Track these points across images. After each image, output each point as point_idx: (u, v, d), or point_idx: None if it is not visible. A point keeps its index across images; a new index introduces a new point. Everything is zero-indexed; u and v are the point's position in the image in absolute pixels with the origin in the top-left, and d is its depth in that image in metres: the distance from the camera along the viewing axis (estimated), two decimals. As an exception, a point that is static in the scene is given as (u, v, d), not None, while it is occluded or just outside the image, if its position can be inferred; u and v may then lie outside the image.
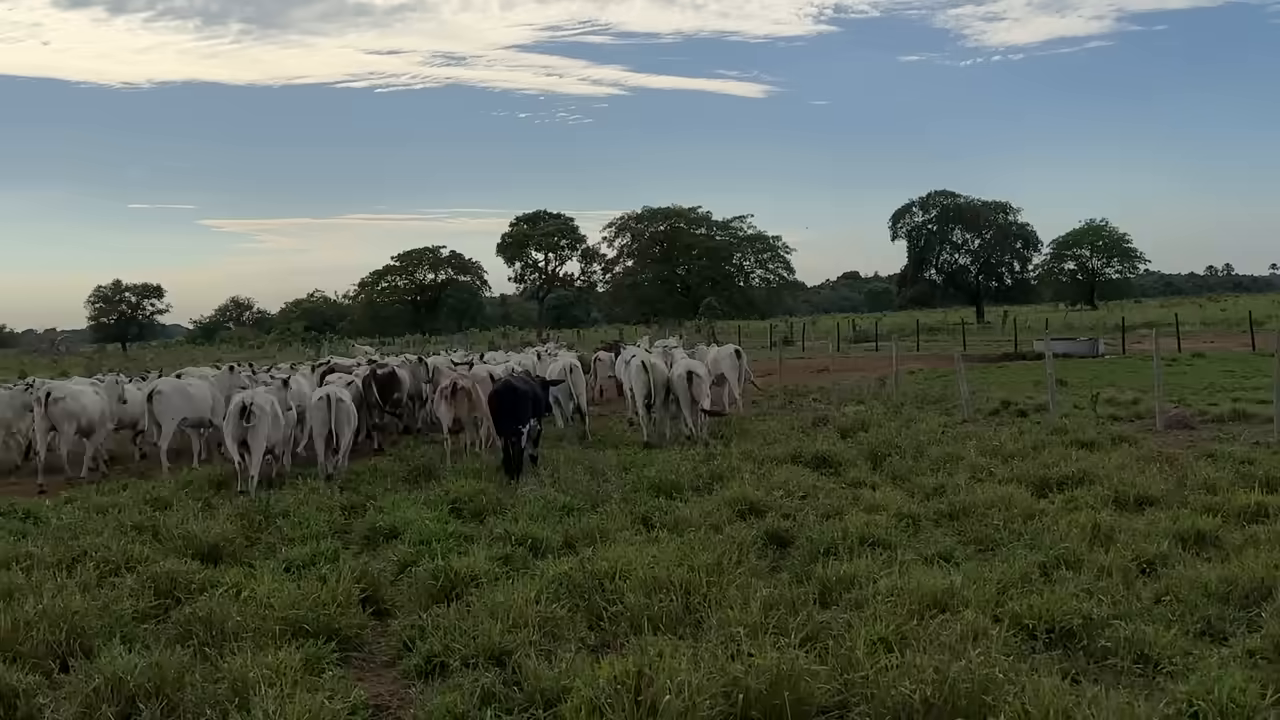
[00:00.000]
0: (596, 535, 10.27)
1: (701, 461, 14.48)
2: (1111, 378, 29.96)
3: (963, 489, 11.98)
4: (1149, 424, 18.40)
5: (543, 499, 12.37)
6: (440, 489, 13.39)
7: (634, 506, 11.76)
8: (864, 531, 9.61)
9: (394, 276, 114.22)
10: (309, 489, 13.68)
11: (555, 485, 13.43)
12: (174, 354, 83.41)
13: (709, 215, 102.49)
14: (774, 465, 14.06)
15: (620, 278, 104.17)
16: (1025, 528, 10.06)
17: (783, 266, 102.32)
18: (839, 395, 26.34)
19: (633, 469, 14.47)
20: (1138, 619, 7.12)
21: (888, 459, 14.32)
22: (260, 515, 12.25)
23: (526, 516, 11.42)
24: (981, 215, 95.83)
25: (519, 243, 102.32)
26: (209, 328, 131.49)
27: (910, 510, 11.00)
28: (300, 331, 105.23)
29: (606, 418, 23.66)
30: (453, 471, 14.82)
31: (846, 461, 14.20)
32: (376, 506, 12.62)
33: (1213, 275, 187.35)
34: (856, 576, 8.20)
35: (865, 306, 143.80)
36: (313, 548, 10.27)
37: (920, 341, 57.04)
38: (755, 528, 10.36)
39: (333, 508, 12.56)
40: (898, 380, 24.78)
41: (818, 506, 11.26)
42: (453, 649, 7.07)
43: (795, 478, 12.82)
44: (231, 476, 15.28)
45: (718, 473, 13.50)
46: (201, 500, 13.54)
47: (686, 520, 10.69)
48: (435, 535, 10.65)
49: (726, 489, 12.19)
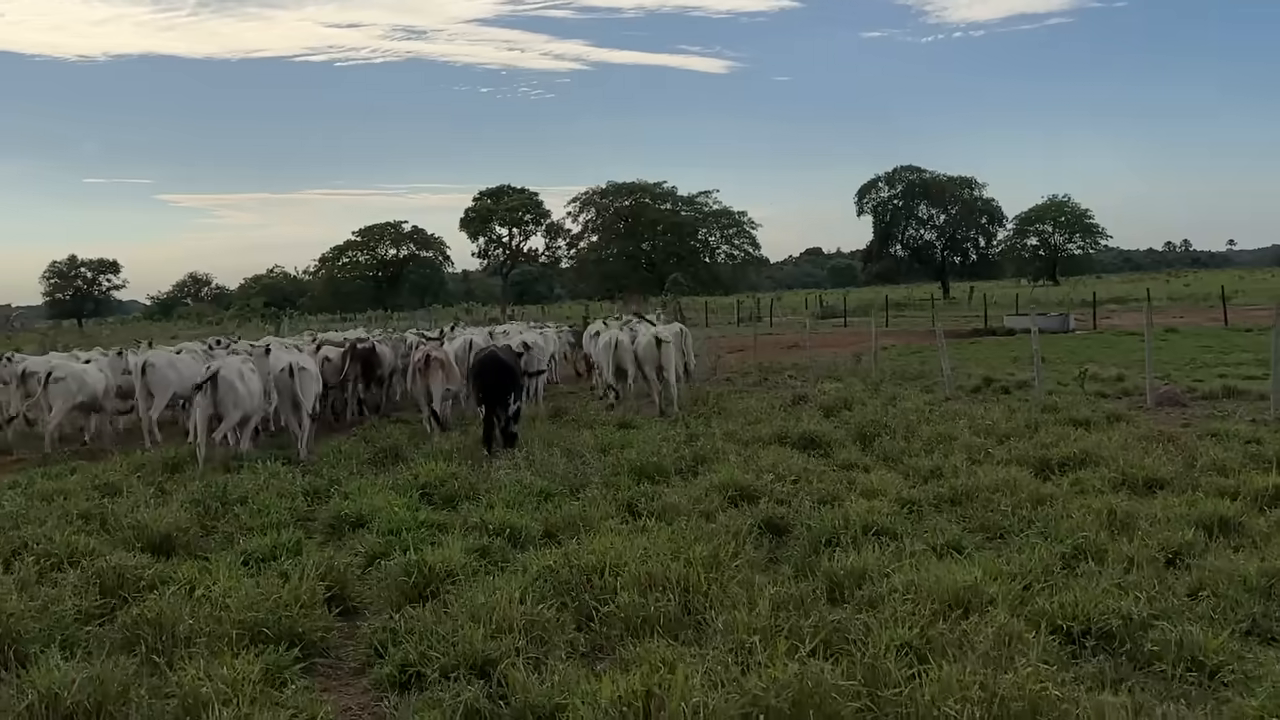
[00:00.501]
0: (579, 524, 9.58)
1: (684, 443, 13.82)
2: (1088, 354, 29.53)
3: (962, 471, 11.40)
4: (1138, 401, 17.90)
5: (518, 483, 11.67)
6: (409, 472, 12.65)
7: (617, 492, 11.06)
8: (866, 519, 8.97)
9: (355, 252, 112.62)
10: (269, 473, 12.90)
11: (531, 468, 12.73)
12: (130, 330, 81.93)
13: (674, 190, 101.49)
14: (760, 446, 13.42)
15: (585, 253, 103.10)
16: (1035, 514, 9.45)
17: (748, 242, 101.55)
18: (815, 372, 25.74)
19: (611, 450, 13.78)
20: (1179, 618, 6.52)
21: (877, 439, 13.70)
22: (217, 502, 11.48)
23: (502, 503, 10.72)
24: (947, 190, 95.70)
25: (482, 217, 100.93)
26: (167, 304, 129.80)
27: (910, 495, 10.37)
28: (260, 308, 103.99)
29: (578, 395, 22.97)
30: (421, 454, 14.06)
31: (835, 442, 13.56)
32: (341, 492, 11.86)
33: (1171, 251, 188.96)
34: (867, 570, 7.56)
35: (828, 282, 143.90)
36: (273, 538, 9.53)
37: (889, 317, 56.56)
38: (749, 515, 9.70)
39: (295, 494, 11.79)
40: (876, 357, 24.21)
41: (812, 491, 10.62)
42: (430, 657, 6.36)
43: (784, 460, 12.17)
44: (188, 459, 14.50)
45: (702, 455, 12.84)
46: (155, 485, 12.75)
47: (675, 508, 10.01)
48: (405, 524, 9.95)
49: (714, 473, 11.51)
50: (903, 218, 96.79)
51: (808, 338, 46.02)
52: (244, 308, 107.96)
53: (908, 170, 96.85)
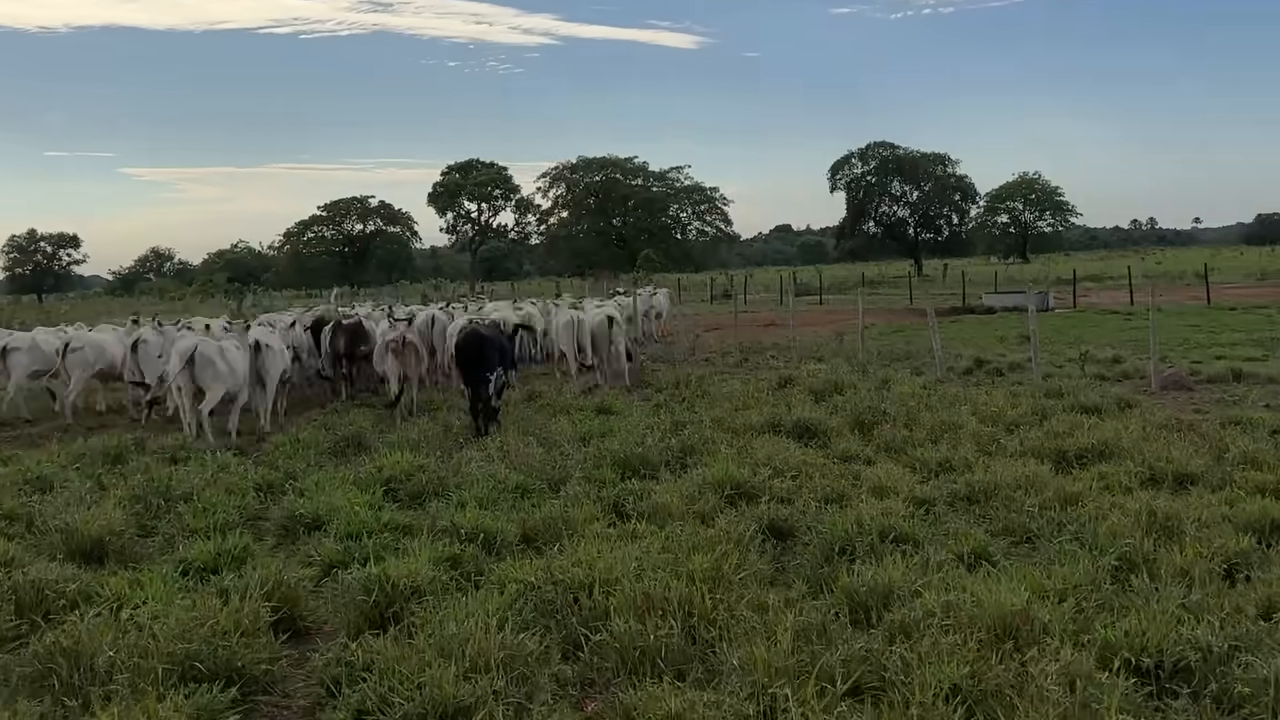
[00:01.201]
0: (561, 527, 8.60)
1: (669, 431, 12.84)
2: (1074, 333, 28.75)
3: (975, 465, 10.51)
4: (1140, 385, 17.10)
5: (492, 477, 10.67)
6: (372, 464, 11.62)
7: (601, 489, 10.10)
8: (881, 523, 8.03)
9: (321, 227, 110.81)
10: (218, 465, 11.86)
11: (505, 460, 11.74)
12: (91, 305, 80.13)
13: (645, 166, 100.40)
14: (752, 436, 12.47)
15: (555, 230, 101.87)
16: (1065, 515, 8.55)
17: (720, 219, 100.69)
18: (798, 352, 24.83)
19: (591, 439, 12.82)
20: (1262, 649, 5.61)
21: (877, 427, 12.79)
22: (159, 499, 10.43)
23: (475, 501, 9.72)
24: (920, 167, 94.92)
25: (451, 192, 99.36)
26: (128, 279, 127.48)
27: (923, 493, 9.45)
28: (223, 283, 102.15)
29: (551, 377, 21.95)
30: (386, 444, 13.03)
31: (832, 431, 12.64)
32: (297, 488, 10.83)
33: (1137, 229, 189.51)
34: (893, 587, 6.62)
35: (798, 259, 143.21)
36: (217, 544, 8.52)
37: (865, 295, 55.67)
38: (749, 517, 8.74)
39: (245, 489, 10.74)
40: (863, 337, 23.28)
41: (815, 488, 9.68)
42: (392, 701, 5.37)
43: (781, 452, 11.22)
44: (131, 448, 13.42)
45: (690, 445, 11.87)
46: (93, 478, 11.67)
47: (667, 508, 9.03)
48: (367, 526, 8.96)
49: (706, 467, 10.56)
50: (876, 194, 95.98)
51: (781, 315, 45.38)
52: (207, 283, 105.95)
53: (881, 146, 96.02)
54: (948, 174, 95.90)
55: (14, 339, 18.72)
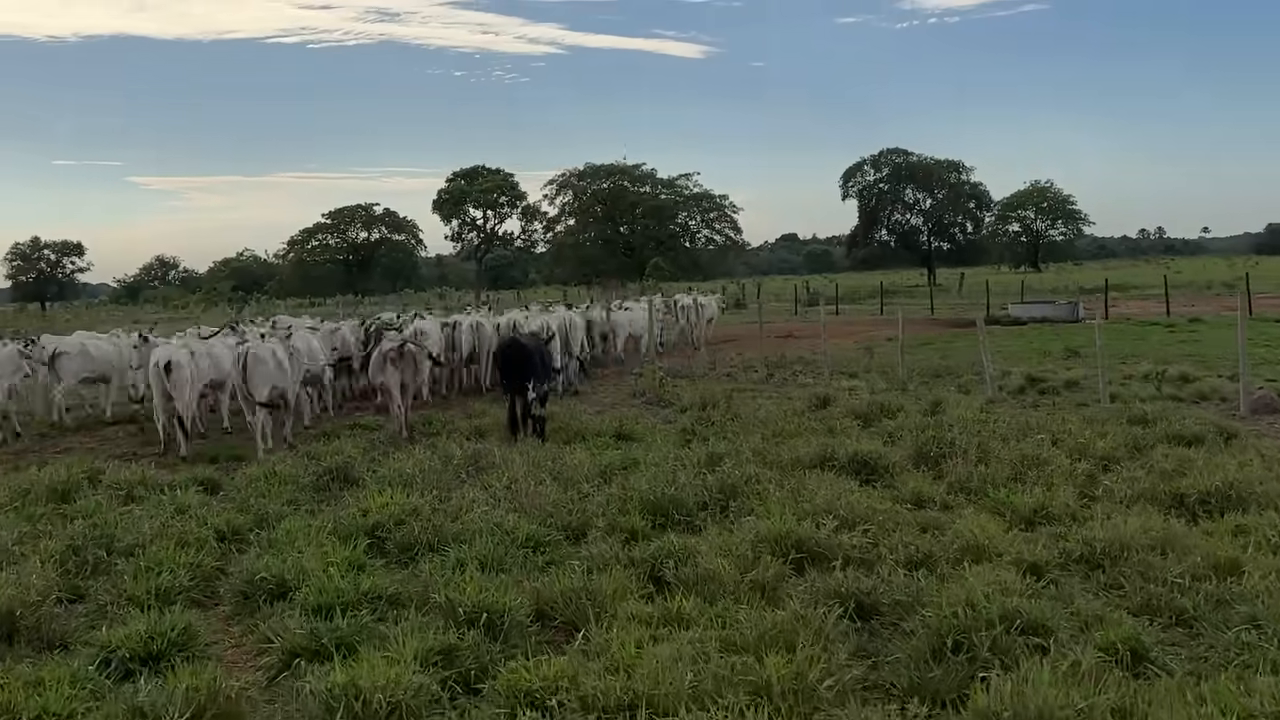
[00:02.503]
0: (585, 602, 6.81)
1: (704, 466, 11.03)
2: (1118, 346, 26.90)
3: (1079, 513, 8.73)
4: (1225, 408, 15.31)
5: (498, 527, 8.88)
6: (357, 506, 9.84)
7: (630, 544, 8.33)
8: (1000, 604, 6.21)
9: (325, 235, 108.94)
10: (175, 507, 10.08)
11: (513, 501, 9.94)
12: (95, 314, 78.71)
13: (654, 173, 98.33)
14: (801, 472, 10.65)
15: (561, 237, 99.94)
16: (1223, 589, 6.75)
17: (730, 226, 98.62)
18: (827, 367, 23.04)
19: (613, 475, 11.05)
20: None
21: (945, 461, 10.98)
22: (100, 550, 8.67)
23: (476, 560, 7.94)
24: (934, 174, 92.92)
25: (456, 199, 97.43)
26: (133, 287, 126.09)
27: (1031, 555, 7.62)
28: (227, 291, 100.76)
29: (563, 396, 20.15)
30: (376, 479, 11.22)
31: (894, 467, 10.81)
32: (264, 539, 9.05)
33: (1145, 238, 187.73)
34: (1052, 715, 4.81)
35: (804, 268, 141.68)
36: (152, 623, 6.73)
37: (883, 305, 53.92)
38: (822, 590, 6.93)
39: (203, 539, 8.96)
40: (902, 352, 21.32)
41: (894, 546, 7.88)
42: None
43: (840, 494, 9.37)
44: (82, 481, 11.64)
45: (731, 484, 10.03)
46: (29, 521, 9.90)
47: (717, 577, 7.21)
48: (343, 597, 7.18)
49: (757, 516, 8.76)
50: (889, 202, 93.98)
51: (799, 326, 43.48)
52: (211, 291, 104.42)
53: (894, 153, 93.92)
54: (962, 181, 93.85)
55: (63, 343, 18.39)
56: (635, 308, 28.26)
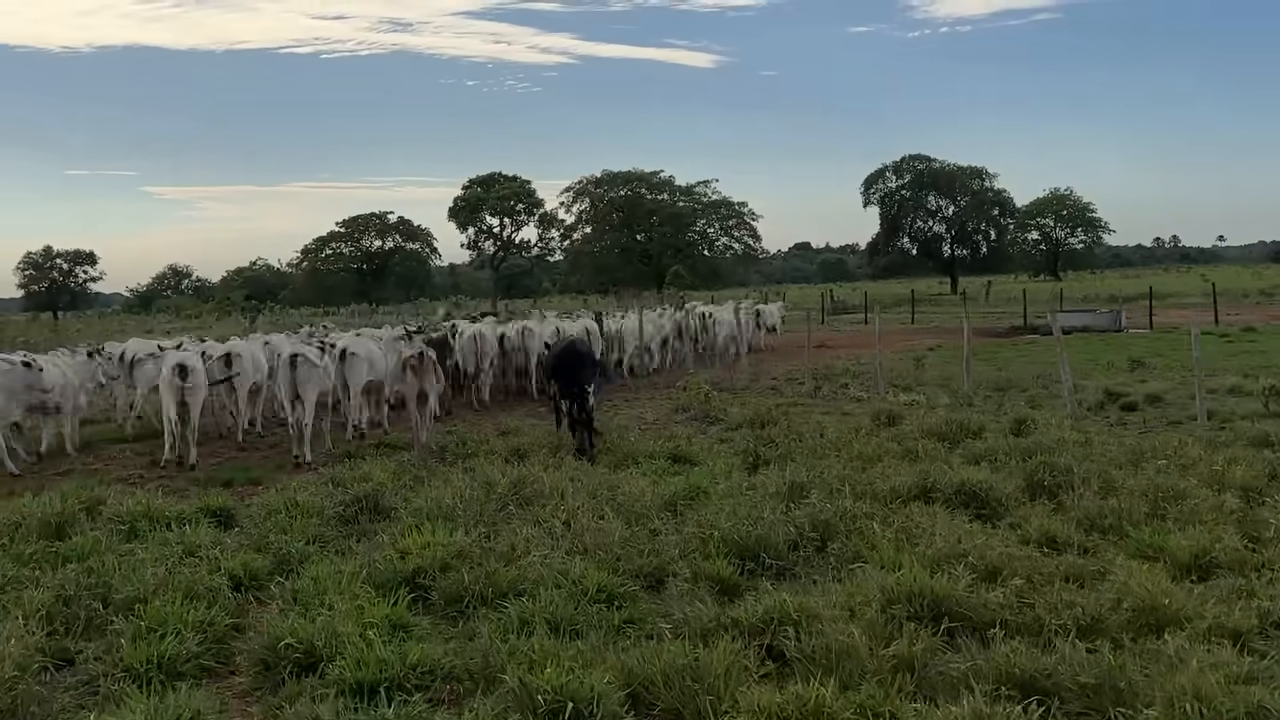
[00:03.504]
0: (692, 685, 5.46)
1: (786, 496, 9.65)
2: (1179, 357, 25.45)
3: (1257, 563, 7.33)
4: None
5: (564, 575, 7.53)
6: (393, 547, 8.51)
7: (723, 599, 7.00)
8: (1243, 699, 4.83)
9: (339, 244, 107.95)
10: (184, 547, 8.74)
11: (573, 539, 8.59)
12: (106, 324, 77.72)
13: (671, 180, 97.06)
14: (899, 505, 9.27)
15: (578, 245, 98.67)
16: None
17: (749, 234, 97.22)
18: (878, 379, 21.67)
19: (681, 506, 9.70)
20: None
21: (1064, 492, 9.59)
22: (96, 602, 7.36)
23: (544, 620, 6.59)
24: (957, 180, 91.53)
25: (472, 206, 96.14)
26: (146, 296, 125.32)
27: (1232, 623, 6.22)
28: (240, 301, 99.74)
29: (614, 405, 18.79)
30: (411, 512, 9.85)
31: (1008, 500, 9.41)
32: (288, 590, 7.71)
33: (1160, 247, 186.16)
34: None
35: (818, 277, 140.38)
36: (152, 709, 5.40)
37: (914, 314, 52.46)
38: (985, 667, 5.55)
39: (216, 589, 7.63)
40: (968, 365, 19.73)
41: (1052, 605, 6.49)
42: None
43: (959, 535, 8.02)
44: (75, 515, 10.30)
45: (825, 521, 8.66)
46: (16, 563, 8.58)
47: (850, 650, 5.83)
48: (386, 672, 5.85)
49: (869, 564, 7.40)
50: (911, 209, 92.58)
51: (830, 336, 41.96)
52: (224, 301, 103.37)
53: (916, 160, 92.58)
54: (985, 188, 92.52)
55: (141, 348, 17.84)
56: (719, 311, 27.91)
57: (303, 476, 12.99)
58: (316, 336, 19.80)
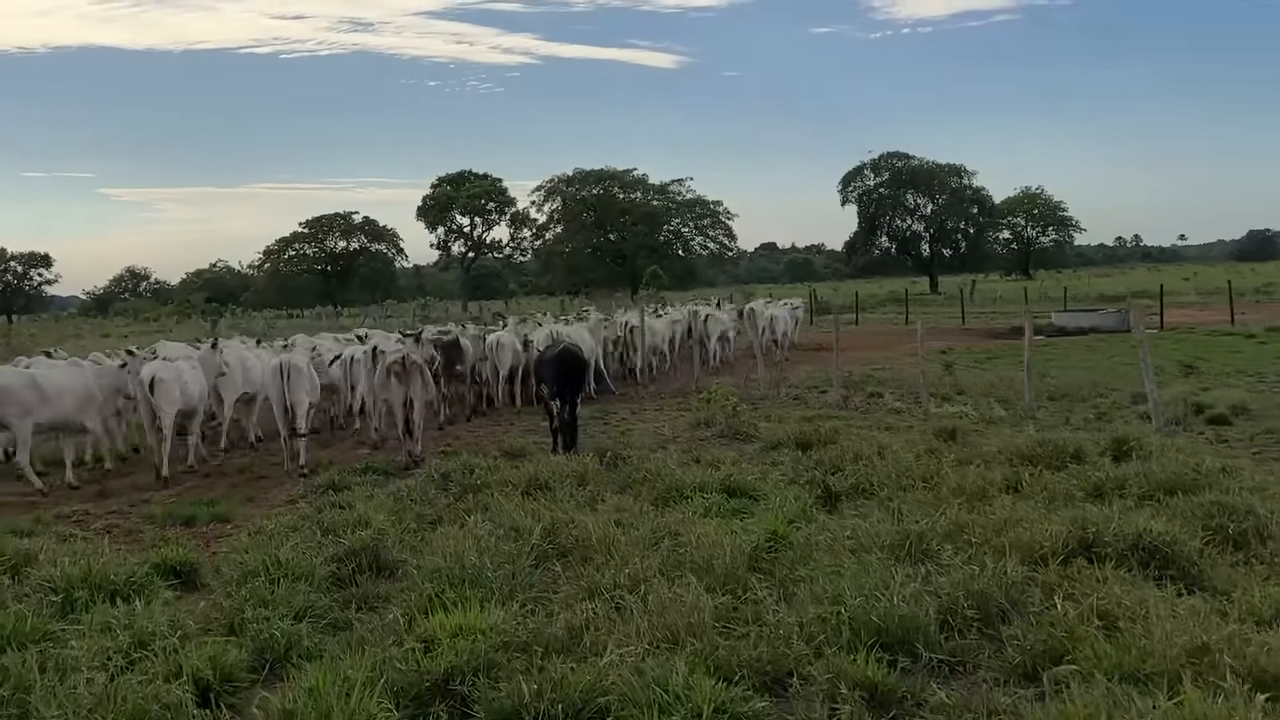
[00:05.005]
0: None
1: (908, 554, 7.58)
2: (1226, 360, 23.74)
3: None
4: None
5: (660, 683, 5.44)
6: (412, 631, 6.41)
7: None
8: None
9: (302, 245, 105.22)
10: (134, 634, 6.56)
11: (651, 618, 6.48)
12: (63, 327, 75.02)
13: (645, 178, 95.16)
14: (1056, 562, 7.22)
15: (550, 245, 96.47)
16: None
17: (724, 233, 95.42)
18: (905, 386, 19.79)
19: (771, 561, 7.65)
20: None
21: (1255, 544, 7.58)
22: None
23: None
24: (935, 178, 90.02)
25: (442, 205, 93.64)
26: (103, 299, 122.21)
27: None
28: (201, 303, 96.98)
29: (631, 409, 16.70)
30: (425, 571, 7.68)
31: (1197, 557, 7.35)
32: (274, 710, 5.55)
33: (1122, 246, 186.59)
34: None
35: (785, 277, 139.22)
36: None
37: (909, 314, 50.60)
38: None
39: (176, 710, 5.49)
40: (1029, 372, 17.40)
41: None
42: None
43: (1180, 616, 6.00)
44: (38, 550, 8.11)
45: (978, 591, 6.58)
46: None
47: None
48: None
49: (1083, 664, 5.38)
50: (889, 207, 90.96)
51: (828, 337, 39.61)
52: (184, 304, 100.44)
53: (894, 157, 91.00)
54: (964, 186, 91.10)
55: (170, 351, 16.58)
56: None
57: (281, 515, 10.80)
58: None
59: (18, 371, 14.15)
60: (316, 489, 12.30)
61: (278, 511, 11.27)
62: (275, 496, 12.49)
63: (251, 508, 11.87)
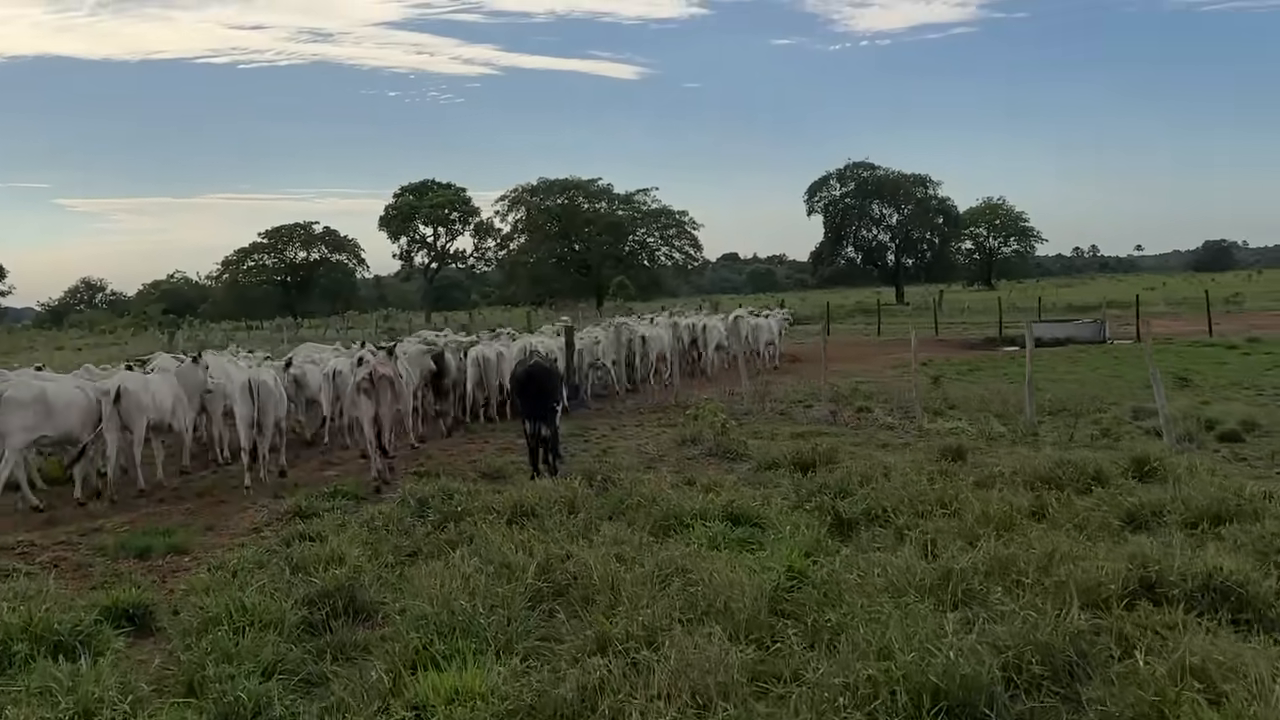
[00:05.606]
0: None
1: (950, 597, 6.79)
2: (1215, 373, 23.22)
3: None
4: None
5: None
6: (400, 698, 5.56)
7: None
8: None
9: (262, 255, 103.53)
10: (78, 700, 5.68)
11: (674, 678, 5.64)
12: (16, 339, 73.24)
13: (610, 188, 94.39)
14: (1117, 606, 6.46)
15: (514, 255, 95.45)
16: None
17: (689, 243, 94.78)
18: (894, 400, 19.12)
19: (794, 604, 6.85)
20: None
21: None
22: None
23: None
24: (901, 188, 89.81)
25: (405, 215, 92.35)
26: (57, 311, 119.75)
27: None
28: (158, 315, 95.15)
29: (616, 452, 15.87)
30: (411, 620, 6.82)
31: (1270, 599, 6.61)
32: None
33: (1080, 256, 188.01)
34: None
35: (747, 288, 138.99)
36: None
37: (881, 324, 50.10)
38: None
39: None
40: (1031, 387, 16.67)
41: None
42: None
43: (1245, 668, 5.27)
44: None
45: (1041, 642, 5.79)
46: None
47: None
48: None
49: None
50: (855, 217, 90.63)
51: (801, 348, 39.08)
52: (140, 315, 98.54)
53: (860, 167, 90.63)
54: (929, 196, 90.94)
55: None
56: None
57: (244, 547, 9.90)
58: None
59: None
60: (282, 515, 11.39)
61: (240, 542, 10.40)
62: (237, 524, 11.53)
63: (212, 537, 10.95)
